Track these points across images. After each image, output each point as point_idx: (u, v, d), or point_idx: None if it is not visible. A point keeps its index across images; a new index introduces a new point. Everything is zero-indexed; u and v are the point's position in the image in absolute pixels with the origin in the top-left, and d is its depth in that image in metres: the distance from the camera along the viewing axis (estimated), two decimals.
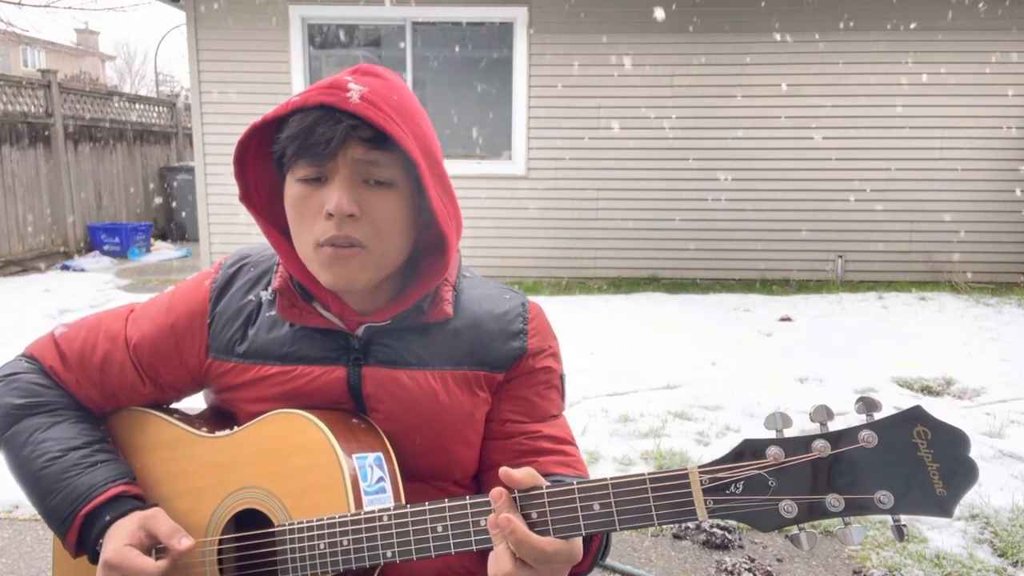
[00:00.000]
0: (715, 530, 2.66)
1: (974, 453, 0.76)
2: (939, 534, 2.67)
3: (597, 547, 0.97)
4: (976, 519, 2.76)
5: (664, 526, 2.75)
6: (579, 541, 0.86)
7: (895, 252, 7.22)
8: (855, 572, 2.48)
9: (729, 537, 2.64)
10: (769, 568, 2.46)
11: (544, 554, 0.83)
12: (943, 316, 5.94)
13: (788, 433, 0.80)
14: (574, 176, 7.18)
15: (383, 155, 0.96)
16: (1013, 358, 4.78)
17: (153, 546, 0.98)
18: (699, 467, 0.81)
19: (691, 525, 2.71)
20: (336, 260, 0.96)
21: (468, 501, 0.88)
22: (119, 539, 0.96)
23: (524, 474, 0.85)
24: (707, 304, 6.39)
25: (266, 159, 1.04)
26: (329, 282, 0.99)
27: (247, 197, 1.05)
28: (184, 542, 0.96)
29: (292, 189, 0.98)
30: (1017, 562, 2.49)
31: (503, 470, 0.85)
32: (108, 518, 0.99)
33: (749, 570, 2.45)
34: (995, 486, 2.99)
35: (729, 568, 2.46)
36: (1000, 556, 2.54)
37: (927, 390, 4.22)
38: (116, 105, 10.30)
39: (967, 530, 2.69)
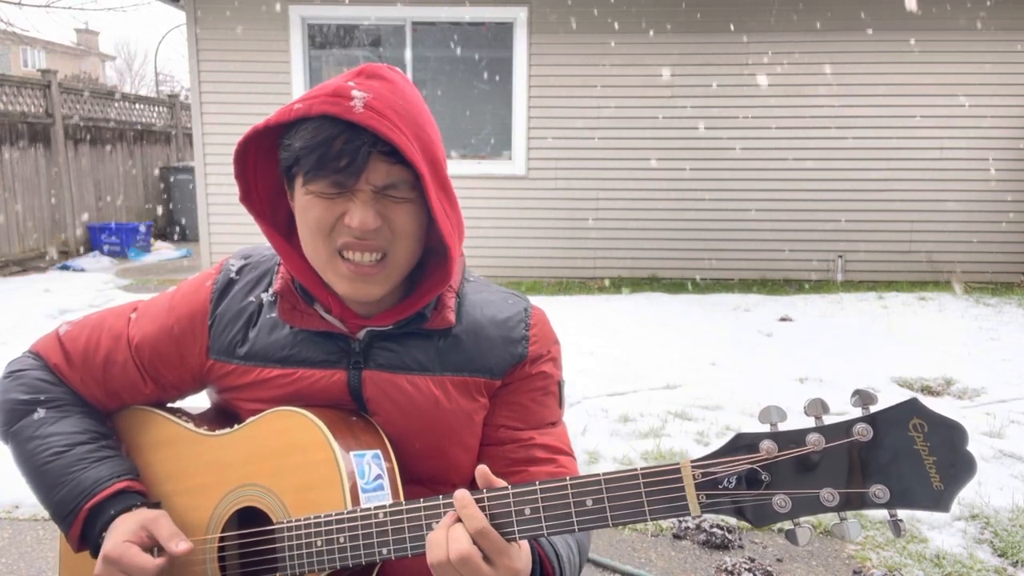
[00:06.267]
0: (715, 530, 2.65)
1: (974, 453, 0.75)
2: (939, 534, 2.67)
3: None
4: (976, 519, 2.75)
5: (663, 524, 2.74)
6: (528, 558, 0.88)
7: (895, 252, 7.21)
8: (855, 572, 2.48)
9: (729, 537, 2.63)
10: (769, 568, 2.46)
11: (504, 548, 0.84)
12: (943, 316, 5.94)
13: (783, 427, 0.79)
14: (574, 176, 7.18)
15: (400, 171, 0.94)
16: (1013, 358, 4.77)
17: (154, 546, 0.99)
18: (692, 462, 0.80)
19: (691, 525, 2.70)
20: (358, 276, 0.97)
21: None
22: (120, 535, 0.97)
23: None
24: (707, 304, 6.38)
25: (266, 160, 1.03)
26: (347, 293, 1.00)
27: (247, 198, 1.04)
28: (182, 545, 0.97)
29: (305, 200, 0.97)
30: (1017, 562, 2.49)
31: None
32: (112, 512, 1.00)
33: (749, 570, 2.44)
34: (995, 486, 2.98)
35: (729, 568, 2.46)
36: (1000, 556, 2.54)
37: (927, 390, 4.22)
38: (116, 105, 10.29)
39: (967, 530, 2.69)
